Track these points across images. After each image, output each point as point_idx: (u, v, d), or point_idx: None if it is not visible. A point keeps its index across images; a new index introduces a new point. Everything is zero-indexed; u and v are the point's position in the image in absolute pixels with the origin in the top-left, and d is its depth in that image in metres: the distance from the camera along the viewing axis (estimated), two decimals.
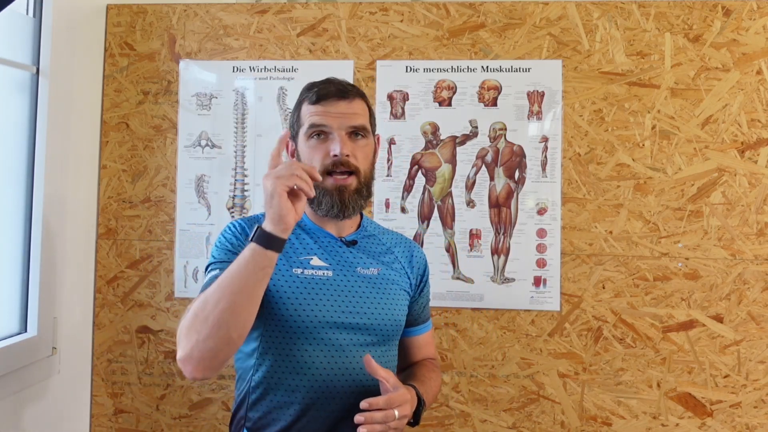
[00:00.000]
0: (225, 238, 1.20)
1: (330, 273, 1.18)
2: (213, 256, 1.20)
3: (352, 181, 1.17)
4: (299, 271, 1.18)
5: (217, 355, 1.03)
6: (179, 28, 1.96)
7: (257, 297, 1.04)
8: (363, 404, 1.03)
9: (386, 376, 1.07)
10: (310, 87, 1.22)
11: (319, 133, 1.17)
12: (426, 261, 1.35)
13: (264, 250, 1.01)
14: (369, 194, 1.22)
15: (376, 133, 1.27)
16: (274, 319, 1.15)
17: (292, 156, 1.25)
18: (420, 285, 1.31)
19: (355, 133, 1.18)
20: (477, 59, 1.88)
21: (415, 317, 1.31)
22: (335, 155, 1.15)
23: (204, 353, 1.02)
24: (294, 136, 1.23)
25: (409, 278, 1.28)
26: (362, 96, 1.23)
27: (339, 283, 1.18)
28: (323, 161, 1.16)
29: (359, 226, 1.28)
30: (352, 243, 1.23)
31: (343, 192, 1.16)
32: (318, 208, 1.19)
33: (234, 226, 1.22)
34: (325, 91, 1.19)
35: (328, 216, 1.19)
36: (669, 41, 1.83)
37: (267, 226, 1.01)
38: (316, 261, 1.19)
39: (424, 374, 1.25)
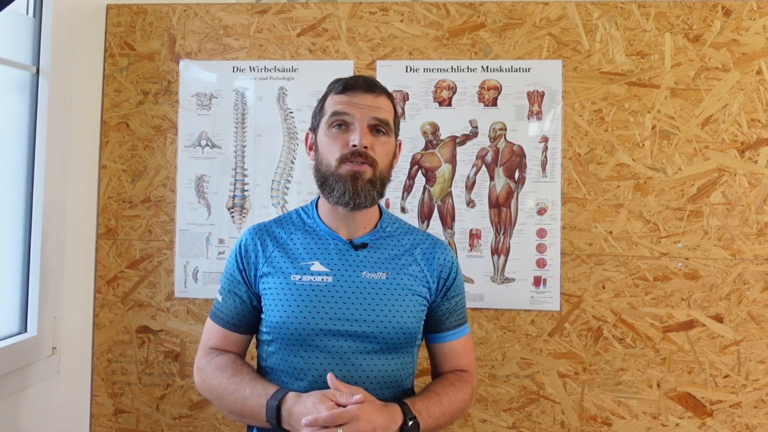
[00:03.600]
0: (229, 264, 1.24)
1: (330, 279, 1.15)
2: (221, 279, 1.25)
3: (367, 169, 1.13)
4: (297, 277, 1.16)
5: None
6: (179, 28, 1.96)
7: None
8: (304, 421, 1.00)
9: (350, 391, 1.04)
10: (339, 80, 1.21)
11: (341, 123, 1.15)
12: (453, 263, 1.25)
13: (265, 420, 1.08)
14: (382, 191, 1.18)
15: (399, 139, 1.25)
16: (271, 325, 1.16)
17: (311, 149, 1.22)
18: (442, 289, 1.22)
19: (378, 128, 1.16)
20: (477, 59, 1.88)
21: (438, 323, 1.23)
22: (354, 145, 1.12)
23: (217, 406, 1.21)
24: (315, 128, 1.22)
25: (427, 282, 1.20)
26: (389, 96, 1.21)
27: (339, 289, 1.15)
28: (341, 150, 1.14)
29: (376, 226, 1.23)
30: (361, 246, 1.19)
31: (356, 179, 1.12)
32: (330, 194, 1.15)
33: (240, 248, 1.23)
34: (352, 82, 1.18)
35: (339, 203, 1.15)
36: (669, 41, 1.83)
37: (285, 422, 1.06)
38: (317, 266, 1.17)
39: (435, 389, 1.17)
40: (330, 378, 1.07)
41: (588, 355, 1.84)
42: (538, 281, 1.86)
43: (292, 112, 1.93)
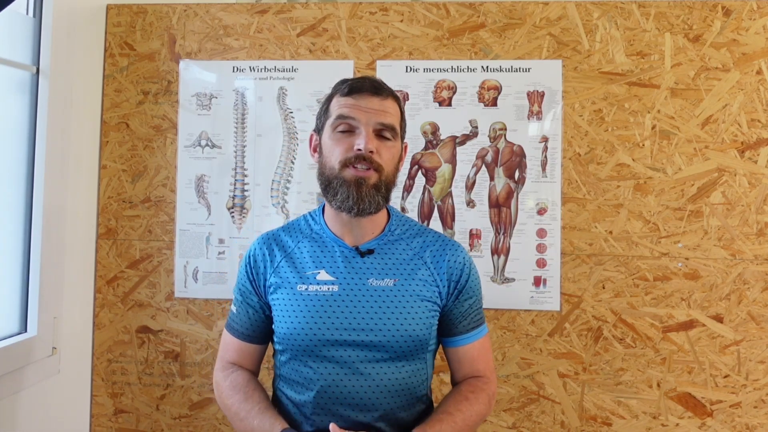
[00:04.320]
0: (240, 275, 1.24)
1: (336, 288, 1.14)
2: (234, 291, 1.25)
3: (371, 175, 1.11)
4: (303, 287, 1.15)
5: None
6: (179, 28, 1.96)
7: None
8: None
9: None
10: (345, 81, 1.18)
11: (346, 126, 1.13)
12: (465, 265, 1.20)
13: None
14: (388, 196, 1.15)
15: (405, 141, 1.22)
16: (280, 336, 1.16)
17: (315, 151, 1.20)
18: (453, 292, 1.18)
19: (383, 132, 1.13)
20: (477, 59, 1.88)
21: (452, 327, 1.19)
22: (359, 149, 1.10)
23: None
24: (319, 130, 1.19)
25: (437, 286, 1.17)
26: (396, 98, 1.18)
27: (345, 298, 1.13)
28: (345, 153, 1.11)
29: (384, 230, 1.20)
30: (368, 252, 1.16)
31: (360, 185, 1.10)
32: (333, 199, 1.13)
33: (249, 259, 1.23)
34: (358, 85, 1.15)
35: (343, 209, 1.12)
36: (669, 41, 1.83)
37: None
38: (323, 275, 1.15)
39: (447, 409, 1.13)
40: (333, 429, 1.05)
41: (588, 355, 1.84)
42: (538, 281, 1.86)
43: (292, 112, 1.93)
